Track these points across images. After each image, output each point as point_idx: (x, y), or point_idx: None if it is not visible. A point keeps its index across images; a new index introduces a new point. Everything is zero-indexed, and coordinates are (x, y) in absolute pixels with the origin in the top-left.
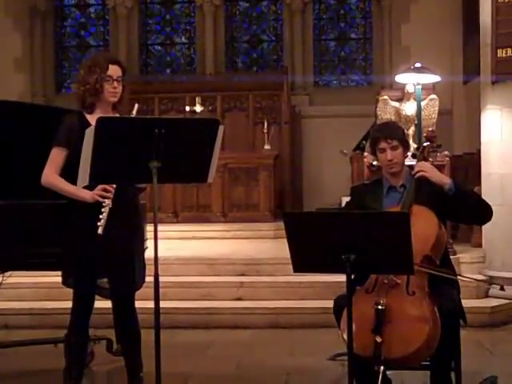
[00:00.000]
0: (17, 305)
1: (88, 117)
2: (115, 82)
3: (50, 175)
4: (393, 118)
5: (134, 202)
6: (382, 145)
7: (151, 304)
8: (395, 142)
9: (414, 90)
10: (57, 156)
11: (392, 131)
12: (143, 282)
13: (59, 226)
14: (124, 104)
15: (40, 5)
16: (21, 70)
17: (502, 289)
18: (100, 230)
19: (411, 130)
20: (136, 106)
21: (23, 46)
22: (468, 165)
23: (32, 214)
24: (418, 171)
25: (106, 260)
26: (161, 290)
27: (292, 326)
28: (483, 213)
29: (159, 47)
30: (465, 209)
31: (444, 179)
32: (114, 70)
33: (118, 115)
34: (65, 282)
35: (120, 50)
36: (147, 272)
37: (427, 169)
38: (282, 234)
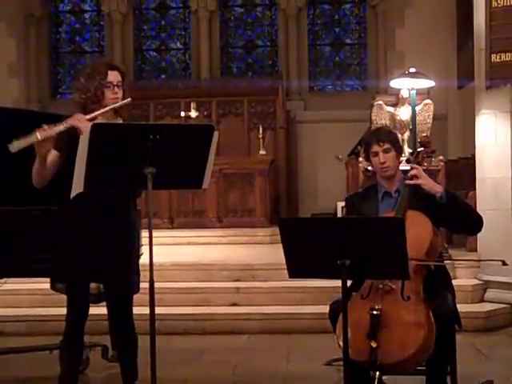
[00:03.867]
0: (12, 311)
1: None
2: (115, 88)
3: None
4: (388, 122)
5: (128, 208)
6: (375, 148)
7: (146, 310)
8: (387, 145)
9: (409, 94)
10: (53, 156)
11: (384, 134)
12: (138, 290)
13: (52, 232)
14: (125, 109)
15: (35, 10)
16: (15, 75)
17: (504, 264)
18: (12, 147)
19: (406, 135)
20: (129, 100)
21: (18, 52)
22: (463, 169)
23: (26, 221)
24: (412, 176)
25: (103, 265)
26: (156, 295)
27: (288, 332)
28: (473, 224)
29: (154, 53)
30: (455, 218)
31: (435, 187)
32: (113, 76)
33: (120, 120)
34: (53, 287)
35: (115, 55)
36: (142, 278)
37: (421, 176)
38: (277, 239)
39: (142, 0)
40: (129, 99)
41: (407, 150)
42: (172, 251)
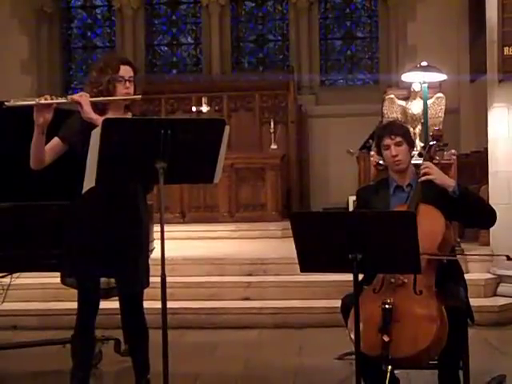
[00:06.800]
0: (25, 306)
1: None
2: (127, 83)
3: None
4: (399, 116)
5: (139, 203)
6: (386, 141)
7: (158, 304)
8: (399, 138)
9: (421, 88)
10: (53, 142)
11: (396, 128)
12: (148, 284)
13: (64, 227)
14: (136, 104)
15: (46, 7)
16: (27, 71)
17: (509, 259)
18: (8, 103)
19: (418, 129)
20: (139, 96)
21: (30, 48)
22: (475, 163)
23: (41, 215)
24: (424, 173)
25: (113, 260)
26: (168, 290)
27: (299, 326)
28: (486, 218)
29: (165, 48)
30: (468, 213)
31: (448, 182)
32: (125, 71)
33: (130, 115)
34: (63, 281)
35: (126, 50)
36: (154, 272)
37: (432, 171)
38: (289, 233)
39: None
40: (139, 96)
41: (419, 144)
42: (184, 245)
